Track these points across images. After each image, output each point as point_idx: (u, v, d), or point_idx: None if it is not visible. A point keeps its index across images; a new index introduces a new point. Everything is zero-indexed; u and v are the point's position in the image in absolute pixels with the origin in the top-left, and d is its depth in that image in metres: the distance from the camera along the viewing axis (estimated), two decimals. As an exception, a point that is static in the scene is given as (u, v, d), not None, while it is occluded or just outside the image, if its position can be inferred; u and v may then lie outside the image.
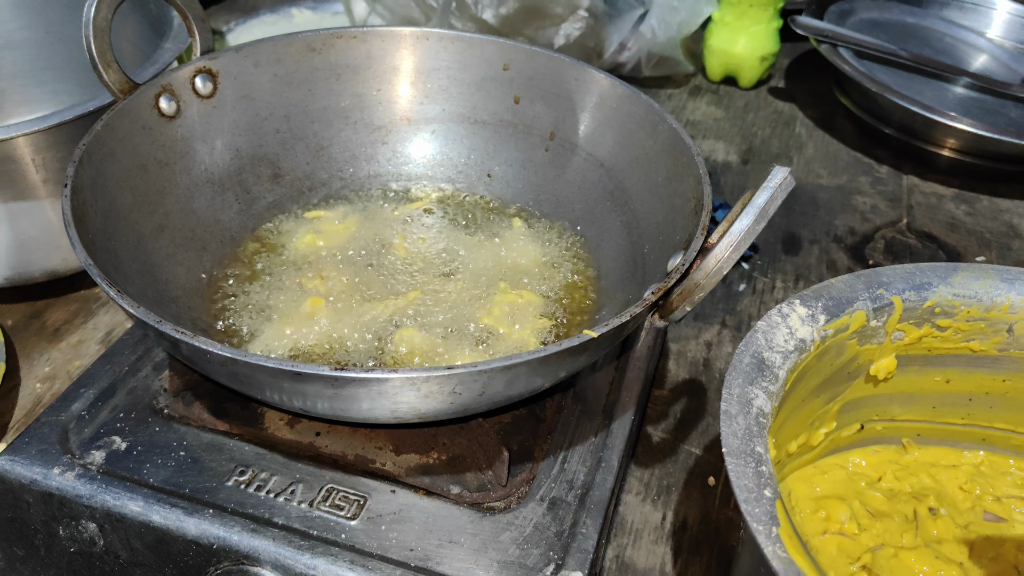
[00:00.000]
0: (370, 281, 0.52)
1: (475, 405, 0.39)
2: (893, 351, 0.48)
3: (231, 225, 0.55)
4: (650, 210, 0.52)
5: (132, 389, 0.50)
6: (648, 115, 0.53)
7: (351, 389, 0.36)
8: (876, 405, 0.50)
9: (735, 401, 0.39)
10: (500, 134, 0.60)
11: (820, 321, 0.44)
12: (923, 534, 0.47)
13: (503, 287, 0.51)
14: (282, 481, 0.45)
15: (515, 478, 0.46)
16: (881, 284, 0.47)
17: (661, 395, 0.62)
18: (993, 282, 0.47)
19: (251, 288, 0.52)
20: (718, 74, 1.01)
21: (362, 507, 0.44)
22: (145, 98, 0.51)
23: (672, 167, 0.51)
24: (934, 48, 1.00)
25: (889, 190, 0.86)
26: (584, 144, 0.57)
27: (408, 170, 0.61)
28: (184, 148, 0.54)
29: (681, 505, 0.55)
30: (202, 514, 0.43)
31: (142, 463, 0.45)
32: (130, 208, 0.49)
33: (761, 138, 0.93)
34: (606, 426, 0.49)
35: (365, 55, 0.59)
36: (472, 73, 0.60)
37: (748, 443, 0.37)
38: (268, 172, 0.58)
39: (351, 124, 0.60)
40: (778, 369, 0.41)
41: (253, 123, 0.57)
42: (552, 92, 0.58)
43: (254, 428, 0.47)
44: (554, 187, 0.59)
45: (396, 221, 0.56)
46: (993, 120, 0.90)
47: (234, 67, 0.55)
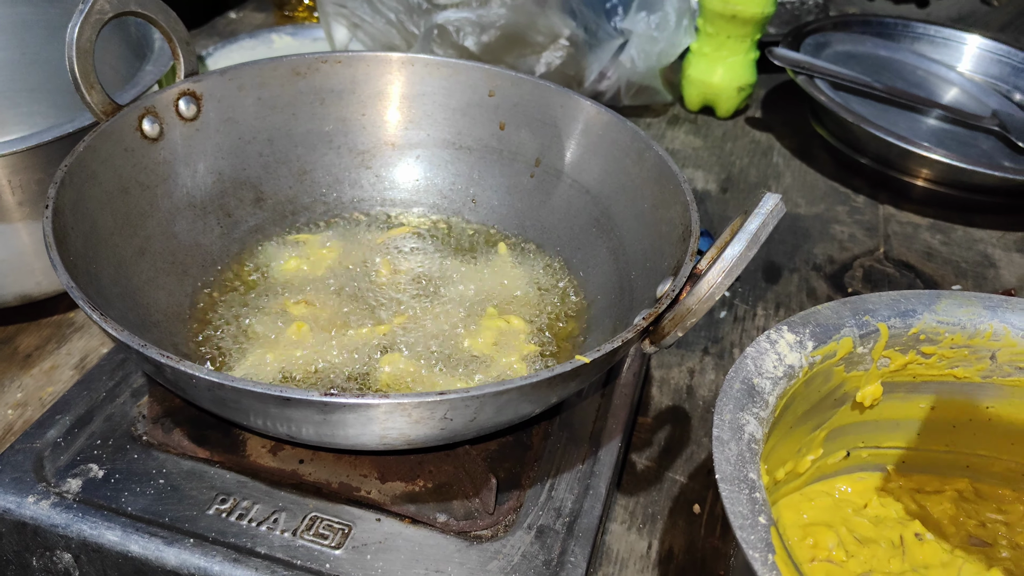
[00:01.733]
0: (355, 306, 0.51)
1: (465, 431, 0.39)
2: (879, 377, 0.48)
3: (213, 249, 0.54)
4: (637, 237, 0.52)
5: (110, 415, 0.48)
6: (634, 142, 0.54)
7: (340, 415, 0.36)
8: (862, 432, 0.51)
9: (727, 427, 0.38)
10: (485, 160, 0.60)
11: (808, 347, 0.44)
12: (910, 559, 0.47)
13: (491, 312, 0.51)
14: (264, 509, 0.44)
15: (502, 506, 0.45)
16: (867, 311, 0.47)
17: (645, 422, 0.62)
18: (976, 309, 0.48)
19: (234, 313, 0.51)
20: (696, 104, 1.02)
21: (346, 536, 0.43)
22: (128, 120, 0.50)
23: (659, 194, 0.51)
24: (907, 81, 1.02)
25: (866, 219, 0.87)
26: (570, 171, 0.57)
27: (392, 195, 0.61)
28: (166, 171, 0.53)
29: (667, 534, 0.54)
30: (182, 544, 0.42)
31: (120, 491, 0.44)
32: (111, 231, 0.48)
33: (739, 167, 0.94)
34: (593, 453, 0.49)
35: (350, 80, 0.59)
36: (457, 99, 0.60)
37: (741, 469, 0.36)
38: (250, 196, 0.57)
39: (335, 148, 0.60)
40: (768, 395, 0.41)
41: (236, 146, 0.56)
42: (537, 119, 0.59)
43: (236, 455, 0.46)
44: (539, 213, 0.59)
45: (380, 245, 0.56)
46: (965, 151, 0.92)
47: (218, 90, 0.55)
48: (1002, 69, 1.06)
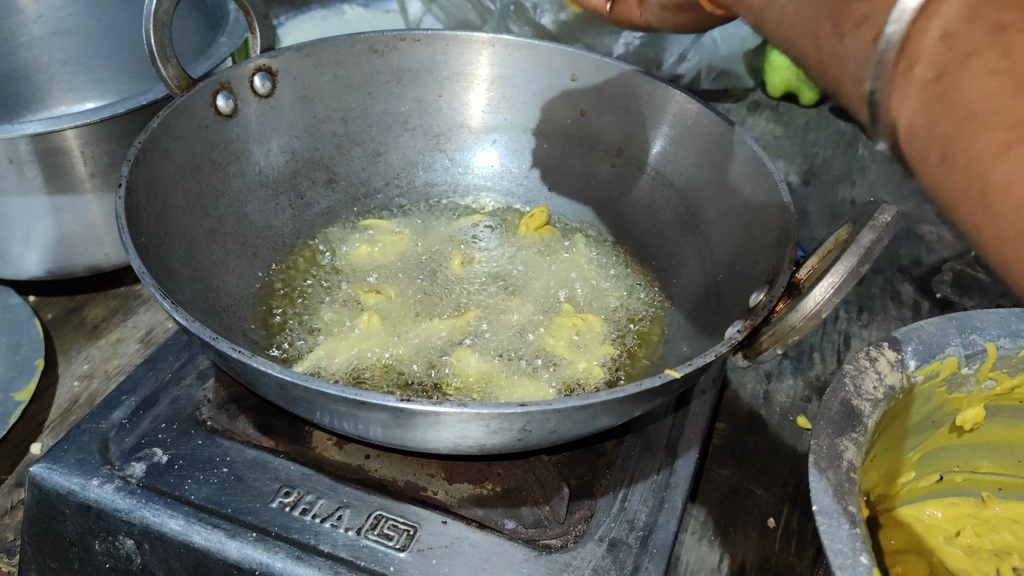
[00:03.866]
0: (427, 297, 0.49)
1: (542, 442, 0.37)
2: (982, 400, 0.45)
3: (284, 231, 0.53)
4: (725, 237, 0.49)
5: (175, 398, 0.48)
6: (725, 135, 0.51)
7: (415, 421, 0.34)
8: (958, 456, 0.47)
9: (824, 454, 0.36)
10: (564, 147, 0.58)
11: (910, 367, 0.41)
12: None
13: (566, 309, 0.48)
14: (329, 505, 0.43)
15: (573, 515, 0.43)
16: (974, 329, 0.44)
17: (720, 428, 0.59)
18: (1095, 331, 0.44)
19: (303, 299, 0.50)
20: (779, 90, 0.98)
21: (412, 538, 0.42)
22: (203, 96, 0.49)
23: (751, 193, 0.48)
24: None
25: (956, 219, 0.82)
26: (653, 163, 0.55)
27: (466, 180, 0.58)
28: (239, 149, 0.51)
29: (739, 547, 0.52)
30: (245, 537, 0.41)
31: (183, 478, 0.43)
32: (182, 211, 0.47)
33: (822, 159, 0.90)
34: (669, 464, 0.47)
35: (428, 59, 0.57)
36: (538, 83, 0.57)
37: (841, 501, 0.34)
38: (323, 177, 0.56)
39: (410, 130, 0.58)
40: (867, 418, 0.38)
41: (310, 125, 0.55)
42: (621, 106, 0.56)
43: (301, 447, 0.45)
44: (619, 206, 0.56)
45: (453, 233, 0.54)
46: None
47: (294, 66, 0.53)
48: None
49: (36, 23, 0.75)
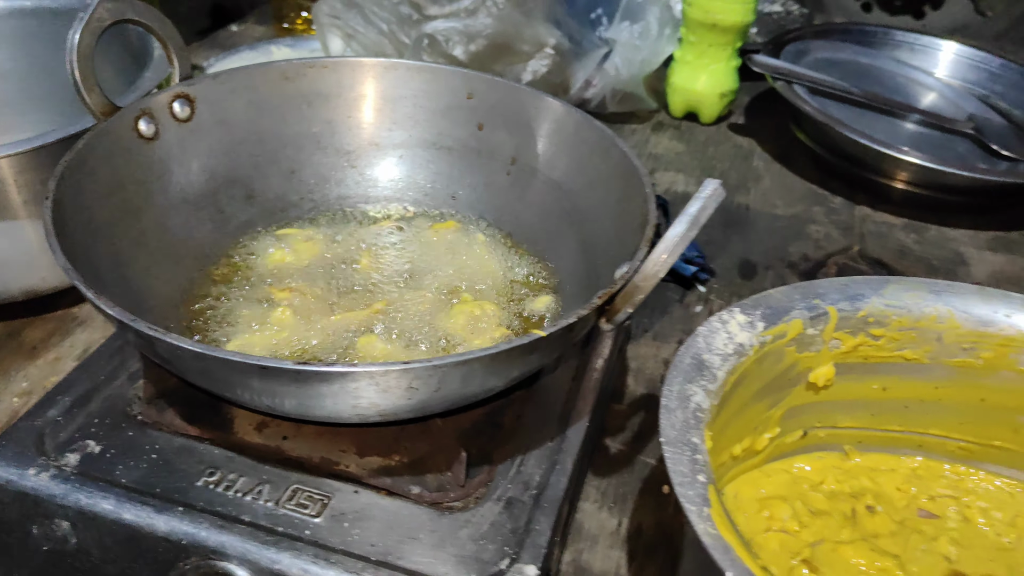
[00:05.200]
0: (337, 293, 0.54)
1: (433, 402, 0.42)
2: (831, 359, 0.51)
3: (205, 242, 0.58)
4: (603, 228, 0.55)
5: (107, 397, 0.52)
6: (601, 140, 0.57)
7: (314, 384, 0.39)
8: (818, 412, 0.53)
9: (674, 397, 0.41)
10: (464, 159, 0.63)
11: (759, 328, 0.47)
12: (860, 529, 0.49)
13: (465, 298, 0.54)
14: (249, 482, 0.47)
15: (473, 479, 0.48)
16: (817, 295, 0.50)
17: (620, 409, 0.65)
18: (922, 293, 0.51)
19: (223, 300, 0.54)
20: (680, 110, 1.05)
21: (326, 506, 0.46)
22: (125, 120, 0.54)
23: (623, 188, 0.54)
24: (886, 86, 1.05)
25: (842, 219, 0.90)
26: (543, 168, 0.61)
27: (375, 192, 0.64)
28: (161, 169, 0.56)
29: (636, 512, 0.57)
30: (172, 512, 0.45)
31: (115, 465, 0.47)
32: (109, 223, 0.51)
33: (720, 170, 0.97)
34: (562, 432, 0.52)
35: (336, 84, 0.62)
36: (437, 101, 0.63)
37: (685, 434, 0.39)
38: (241, 193, 0.60)
39: (322, 149, 0.63)
40: (717, 370, 0.44)
41: (228, 147, 0.60)
42: (513, 120, 0.62)
43: (224, 433, 0.49)
44: (515, 208, 0.62)
45: (363, 238, 0.59)
46: (941, 154, 0.94)
47: (211, 93, 0.58)
48: (979, 75, 1.08)
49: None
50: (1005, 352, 0.50)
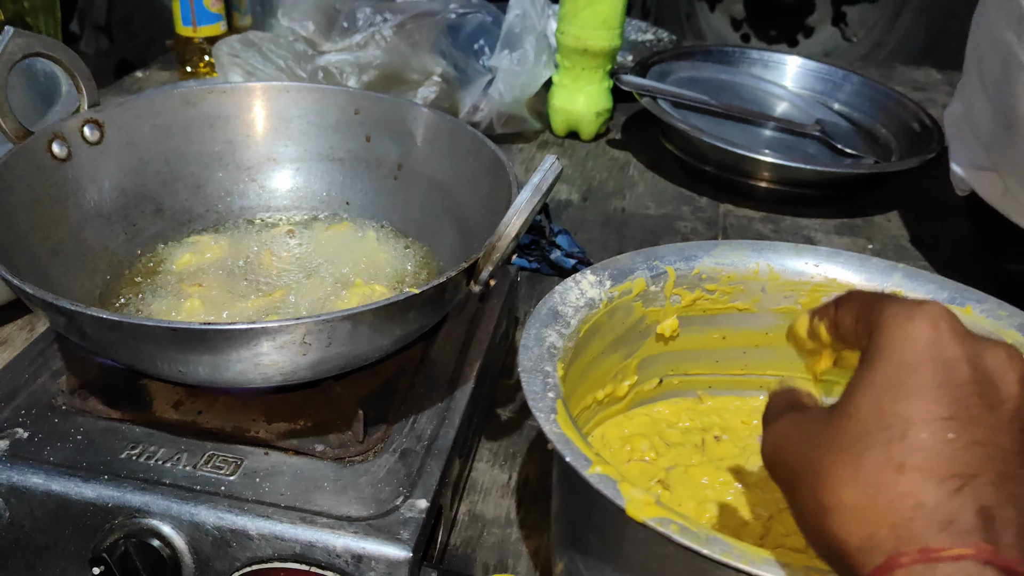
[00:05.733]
0: (241, 285, 0.60)
1: (327, 359, 0.48)
2: (674, 312, 0.59)
3: (119, 251, 0.63)
4: (479, 217, 0.63)
5: (32, 392, 0.56)
6: (473, 142, 0.65)
7: (218, 343, 0.45)
8: (670, 361, 0.61)
9: (532, 338, 0.49)
10: (355, 168, 0.71)
11: (607, 285, 0.55)
12: (709, 455, 0.57)
13: (358, 283, 0.60)
14: (169, 452, 0.52)
15: (372, 436, 0.54)
16: (657, 257, 0.58)
17: (509, 384, 0.72)
18: (745, 252, 0.60)
19: (137, 299, 0.60)
20: (562, 129, 1.15)
21: (239, 467, 0.52)
22: (39, 143, 0.59)
23: (493, 180, 0.62)
24: (743, 99, 1.17)
25: (707, 216, 1.00)
26: (425, 170, 0.68)
27: (275, 202, 0.70)
28: (75, 187, 0.62)
29: (524, 467, 0.64)
30: (98, 480, 0.50)
31: (43, 447, 0.52)
32: (27, 233, 0.57)
33: (599, 180, 1.07)
34: (450, 394, 0.59)
35: (234, 106, 0.69)
36: (327, 118, 0.70)
37: (539, 364, 0.47)
38: (151, 208, 0.66)
39: (224, 165, 0.69)
40: (570, 319, 0.52)
41: (137, 166, 0.66)
42: (397, 130, 0.69)
43: (144, 413, 0.55)
44: (404, 209, 0.69)
45: (264, 240, 0.66)
46: (792, 154, 1.06)
47: (118, 118, 0.64)
48: (825, 85, 1.21)
49: None
50: (818, 296, 0.59)
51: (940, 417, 0.30)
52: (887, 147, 1.10)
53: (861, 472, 0.31)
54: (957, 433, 0.30)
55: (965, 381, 0.31)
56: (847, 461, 0.31)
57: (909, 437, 0.30)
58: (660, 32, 1.42)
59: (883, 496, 0.30)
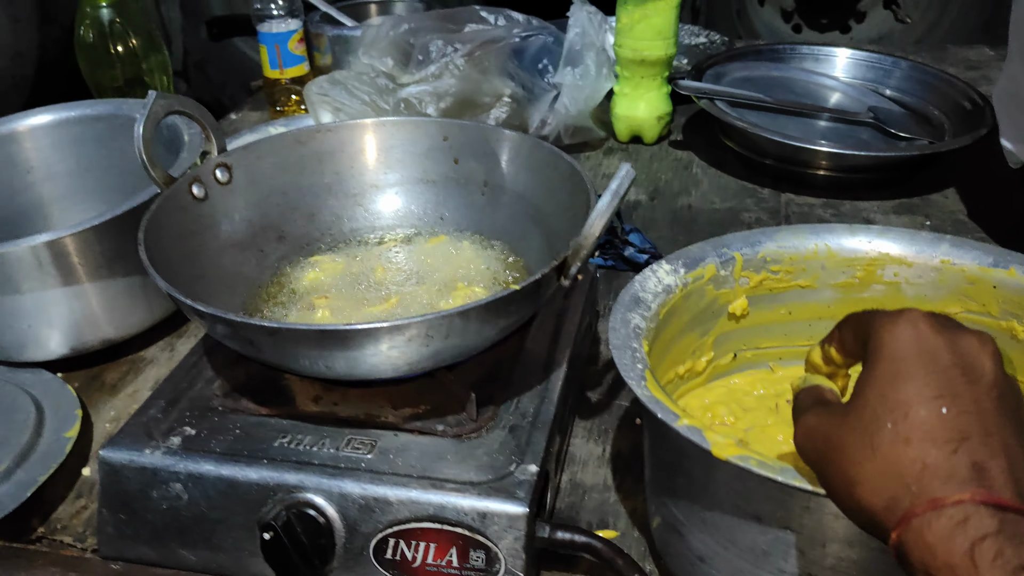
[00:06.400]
0: (362, 295, 0.70)
1: (445, 350, 0.57)
2: (743, 293, 0.66)
3: (251, 275, 0.73)
4: (559, 222, 0.71)
5: (192, 397, 0.66)
6: (551, 156, 0.73)
7: (358, 339, 0.54)
8: (743, 337, 0.68)
9: (619, 321, 0.57)
10: (447, 187, 0.80)
11: (681, 272, 0.63)
12: (782, 415, 0.64)
13: (460, 286, 0.69)
14: (314, 439, 0.61)
15: (483, 416, 0.63)
16: (724, 245, 0.65)
17: (596, 370, 0.80)
18: (804, 235, 0.66)
19: (275, 310, 0.70)
20: (626, 135, 1.23)
21: (374, 447, 0.61)
22: (182, 187, 0.70)
23: (571, 190, 0.70)
24: (796, 93, 1.22)
25: (770, 206, 1.06)
26: (509, 185, 0.77)
27: (380, 222, 0.80)
28: (211, 222, 0.72)
29: (616, 440, 0.72)
30: (259, 464, 0.59)
31: (208, 440, 0.62)
32: (178, 264, 0.67)
33: (664, 180, 1.14)
34: (546, 378, 0.67)
35: (339, 142, 0.78)
36: (420, 146, 0.79)
37: (627, 342, 0.55)
38: (275, 235, 0.76)
39: (334, 194, 0.79)
40: (651, 303, 0.59)
41: (260, 200, 0.76)
42: (481, 152, 0.78)
43: (288, 408, 0.64)
44: (492, 219, 0.78)
45: (375, 255, 0.75)
46: (847, 142, 1.11)
47: (243, 160, 0.74)
48: (875, 72, 1.26)
49: (30, 172, 0.96)
50: (873, 269, 0.65)
51: (932, 396, 0.37)
52: (940, 127, 1.15)
53: (877, 449, 0.38)
54: (948, 406, 0.37)
55: (948, 365, 0.38)
56: (865, 442, 0.38)
57: (910, 415, 0.37)
58: (712, 35, 1.48)
59: (897, 464, 0.37)
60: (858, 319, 0.44)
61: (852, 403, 0.40)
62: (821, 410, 0.43)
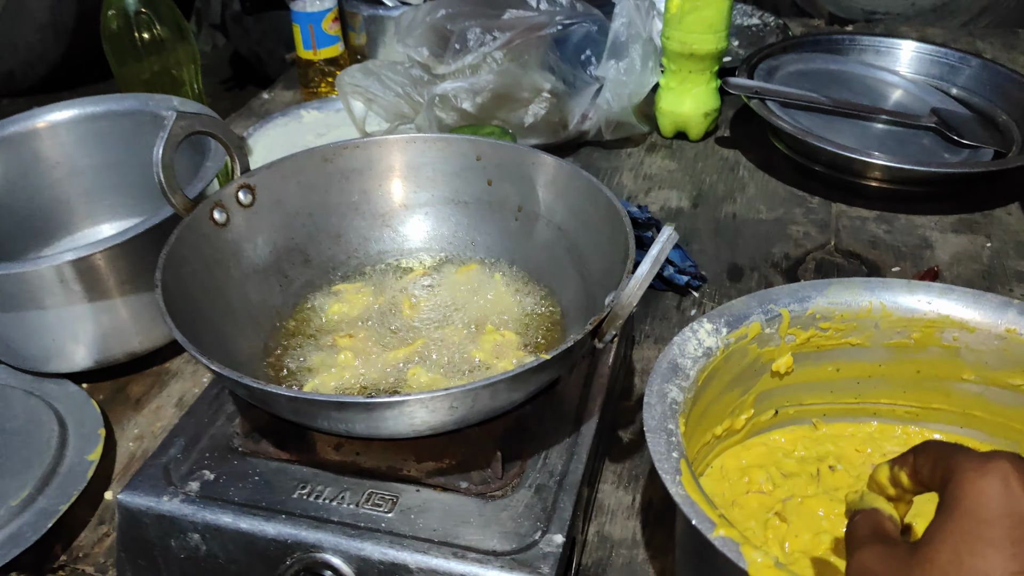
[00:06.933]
0: (386, 335, 0.67)
1: (471, 415, 0.54)
2: (789, 350, 0.62)
3: (276, 303, 0.71)
4: (596, 261, 0.67)
5: (212, 436, 0.65)
6: (589, 187, 0.69)
7: (379, 411, 0.51)
8: (785, 393, 0.65)
9: (655, 395, 0.53)
10: (479, 211, 0.76)
11: (723, 332, 0.59)
12: (824, 485, 0.61)
13: (489, 329, 0.66)
14: (334, 491, 0.60)
15: (508, 473, 0.60)
16: (771, 300, 0.61)
17: (629, 405, 0.77)
18: (857, 291, 0.62)
19: (297, 350, 0.67)
20: (670, 131, 1.17)
21: (395, 504, 0.59)
22: (203, 213, 0.67)
23: (610, 228, 0.66)
24: (853, 90, 1.16)
25: (820, 218, 1.01)
26: (544, 213, 0.73)
27: (408, 245, 0.77)
28: (234, 248, 0.69)
29: (647, 489, 0.69)
30: (277, 519, 0.58)
31: (227, 487, 0.60)
32: (200, 298, 0.64)
33: (709, 183, 1.09)
34: (576, 429, 0.64)
35: (366, 160, 0.75)
36: (452, 165, 0.76)
37: (663, 423, 0.51)
38: (300, 259, 0.74)
39: (361, 214, 0.76)
40: (689, 371, 0.56)
41: (284, 222, 0.73)
42: (516, 174, 0.74)
43: (309, 454, 0.62)
44: (524, 248, 0.74)
45: (403, 287, 0.72)
46: (907, 150, 1.05)
47: (267, 180, 0.71)
48: (940, 68, 1.19)
49: (55, 168, 0.94)
50: (931, 331, 0.61)
51: (1014, 572, 0.33)
52: (1008, 134, 1.08)
53: None
54: None
55: None
56: None
57: None
58: (766, 16, 1.40)
59: None
60: (938, 451, 0.40)
61: (920, 553, 0.36)
62: (882, 549, 0.39)
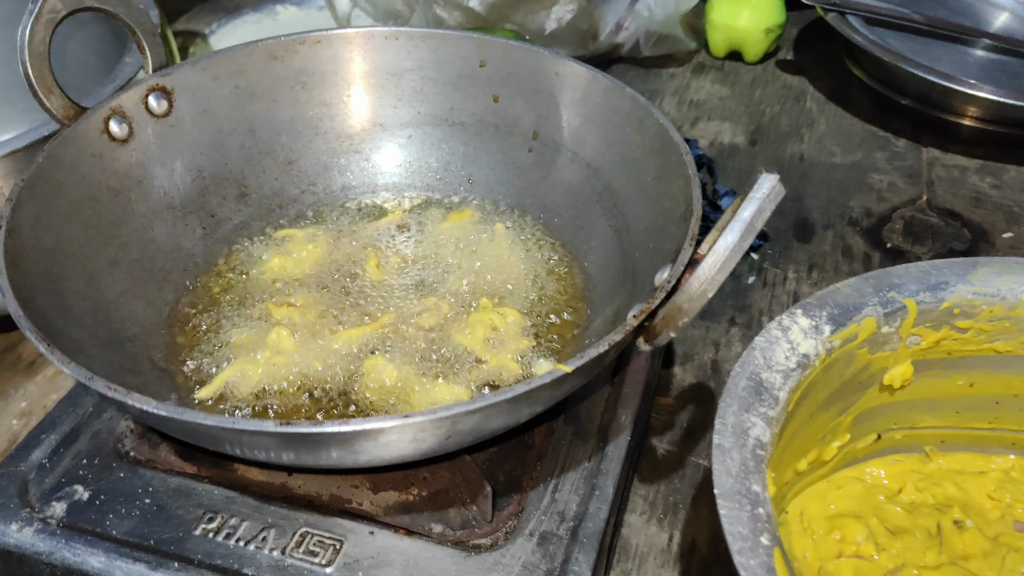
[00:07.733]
0: (341, 306, 0.48)
1: (443, 448, 0.36)
2: (909, 357, 0.44)
3: (195, 252, 0.52)
4: (640, 213, 0.48)
5: (96, 432, 0.47)
6: (634, 110, 0.49)
7: (304, 443, 0.33)
8: (894, 413, 0.46)
9: (729, 432, 0.35)
10: (480, 136, 0.57)
11: (825, 332, 0.40)
12: (948, 550, 0.43)
13: (484, 304, 0.47)
14: (253, 527, 0.42)
15: (502, 512, 0.43)
16: (892, 286, 0.42)
17: (666, 403, 0.58)
18: (1017, 277, 0.43)
19: (215, 320, 0.49)
20: (722, 50, 0.96)
21: (338, 552, 0.41)
22: (93, 123, 0.48)
23: (661, 166, 0.47)
24: (951, 8, 0.94)
25: (907, 165, 0.81)
26: (569, 143, 0.54)
27: (384, 180, 0.57)
28: (140, 173, 0.50)
29: (689, 524, 0.51)
30: (167, 568, 0.40)
31: (105, 514, 0.43)
32: (80, 243, 0.46)
33: (769, 116, 0.88)
34: (600, 449, 0.46)
35: (331, 60, 0.55)
36: (447, 72, 0.56)
37: (743, 482, 0.33)
38: (234, 192, 0.54)
39: (321, 134, 0.56)
40: (778, 391, 0.37)
41: (215, 140, 0.54)
42: (532, 88, 0.54)
43: (223, 470, 0.44)
44: (539, 190, 0.55)
45: (371, 237, 0.53)
46: (1018, 84, 0.85)
47: (190, 82, 0.52)
48: (1058, -13, 0.97)
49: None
50: (1119, 340, 0.42)
51: None
52: None
53: None
54: None
55: None
56: None
57: None
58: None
59: None
60: None
61: None
62: None
